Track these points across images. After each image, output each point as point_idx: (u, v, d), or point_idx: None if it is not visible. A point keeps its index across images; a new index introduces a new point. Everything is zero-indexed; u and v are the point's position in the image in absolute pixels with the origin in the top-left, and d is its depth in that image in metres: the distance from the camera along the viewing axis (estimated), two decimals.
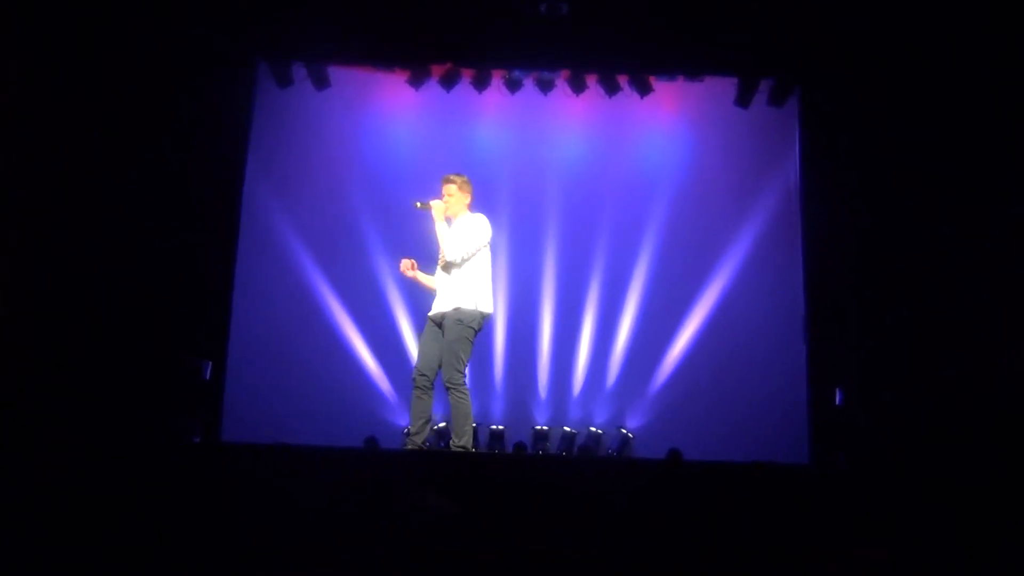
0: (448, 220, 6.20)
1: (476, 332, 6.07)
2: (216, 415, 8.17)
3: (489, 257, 6.20)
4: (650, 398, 9.25)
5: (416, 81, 9.04)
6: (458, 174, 6.29)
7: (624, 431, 9.08)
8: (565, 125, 9.51)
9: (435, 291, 6.20)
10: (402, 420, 8.93)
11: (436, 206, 6.15)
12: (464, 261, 6.09)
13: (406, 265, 6.29)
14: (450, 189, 6.25)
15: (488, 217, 6.24)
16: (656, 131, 9.60)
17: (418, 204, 6.15)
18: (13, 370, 6.67)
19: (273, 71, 8.84)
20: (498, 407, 9.25)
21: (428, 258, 6.32)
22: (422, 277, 6.35)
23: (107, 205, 7.51)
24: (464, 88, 9.14)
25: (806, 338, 8.37)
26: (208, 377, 7.99)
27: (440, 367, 6.05)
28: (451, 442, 6.04)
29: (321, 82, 9.01)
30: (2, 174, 6.76)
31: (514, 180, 9.39)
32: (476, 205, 6.33)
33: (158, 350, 7.61)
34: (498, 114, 9.48)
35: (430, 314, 6.19)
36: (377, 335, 9.21)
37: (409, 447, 6.02)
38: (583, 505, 4.74)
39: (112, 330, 7.39)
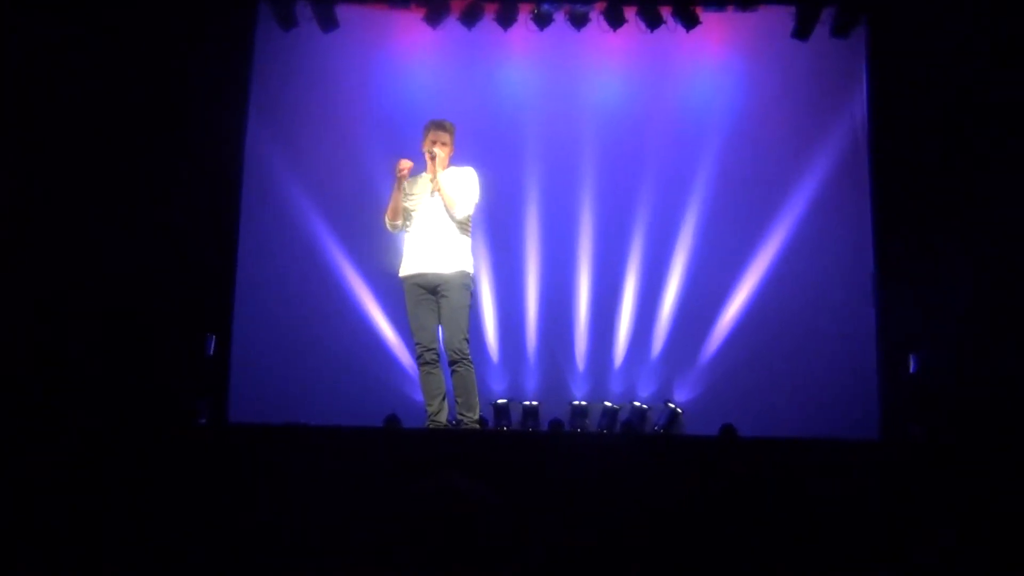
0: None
1: None
2: (222, 394, 8.28)
3: None
4: (701, 368, 9.25)
5: (433, 18, 8.99)
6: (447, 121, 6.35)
7: (672, 405, 9.10)
8: (601, 65, 9.43)
9: (413, 253, 6.19)
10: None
11: (441, 155, 6.21)
12: (467, 219, 6.18)
13: (405, 166, 6.29)
14: (446, 137, 6.29)
15: (518, 170, 6.27)
16: (704, 69, 9.50)
17: (434, 150, 6.17)
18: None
19: (275, 11, 8.83)
20: (531, 381, 9.27)
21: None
22: (400, 198, 6.33)
23: (95, 160, 7.57)
24: (487, 25, 9.10)
25: (876, 298, 8.33)
26: (212, 352, 8.07)
27: (439, 337, 6.13)
28: (464, 417, 6.09)
29: (328, 23, 8.99)
30: None
31: (545, 128, 9.34)
32: (504, 156, 6.34)
33: (155, 323, 7.71)
34: (526, 54, 9.41)
35: (415, 278, 6.16)
36: (397, 303, 9.20)
37: (431, 426, 6.08)
38: (628, 488, 4.75)
39: (102, 301, 7.48)
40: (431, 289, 6.16)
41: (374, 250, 9.22)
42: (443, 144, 6.29)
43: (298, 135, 9.33)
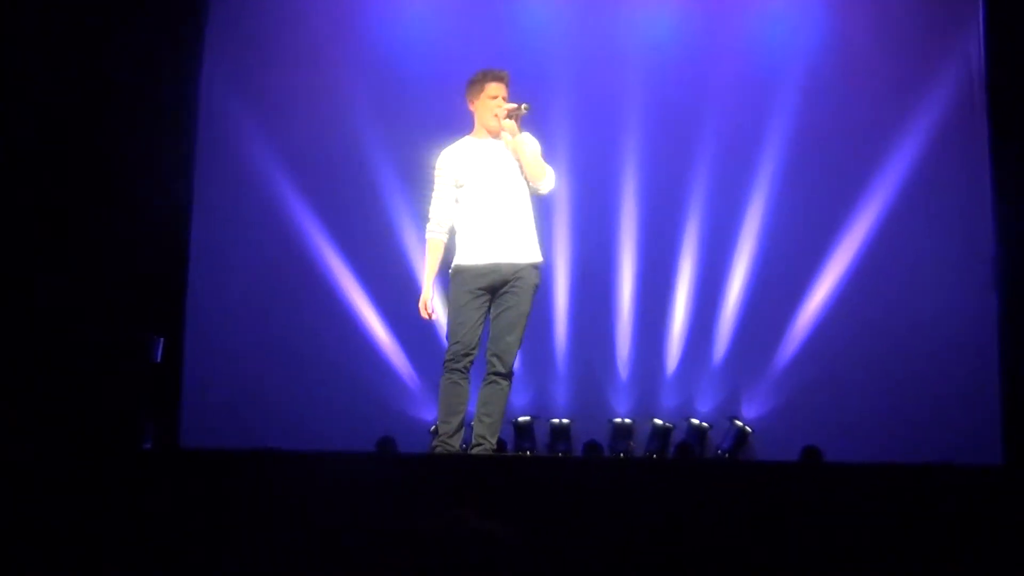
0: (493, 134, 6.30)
1: None
2: (172, 412, 8.27)
3: None
4: (774, 378, 9.21)
5: None
6: None
7: (739, 423, 9.05)
8: (651, 3, 9.41)
9: (481, 237, 6.17)
10: (426, 414, 8.98)
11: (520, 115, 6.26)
12: None
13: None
14: (506, 93, 6.35)
15: (542, 131, 6.34)
16: (779, 8, 9.45)
17: (525, 107, 6.20)
18: None
19: None
20: (561, 393, 9.24)
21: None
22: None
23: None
24: None
25: (997, 290, 8.26)
26: (160, 359, 8.04)
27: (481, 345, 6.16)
28: (485, 442, 6.12)
29: None
30: None
31: (576, 77, 9.30)
32: (529, 119, 6.35)
33: (85, 321, 7.65)
34: None
35: (478, 270, 6.14)
36: (391, 297, 9.20)
37: (439, 450, 6.06)
38: (685, 528, 4.66)
39: (22, 293, 7.46)
40: (494, 285, 6.15)
41: (362, 232, 9.20)
42: (504, 99, 6.31)
43: (265, 85, 9.28)
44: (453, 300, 6.24)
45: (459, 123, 6.16)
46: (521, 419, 8.93)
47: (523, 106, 6.17)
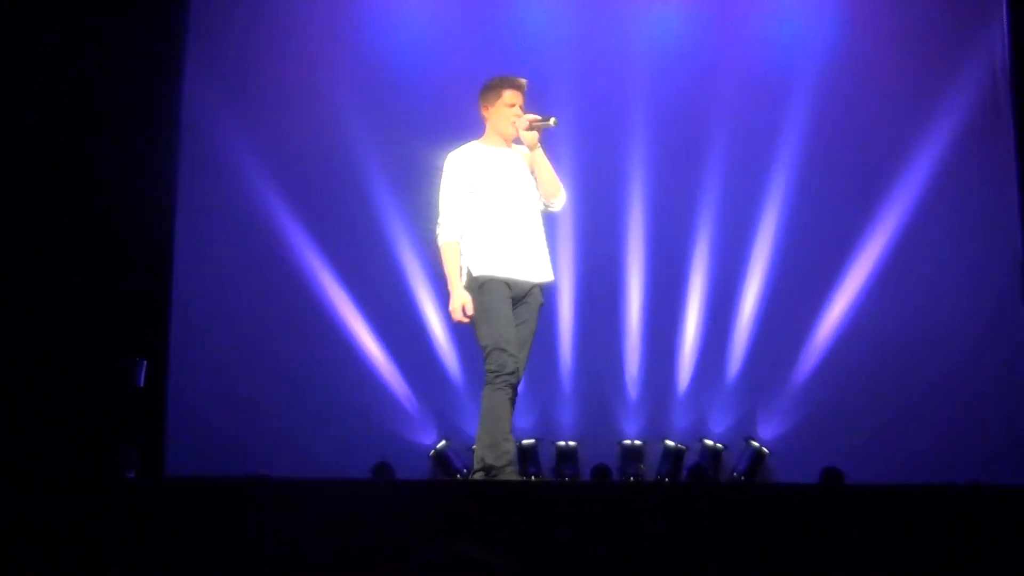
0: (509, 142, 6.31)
1: None
2: (157, 438, 8.26)
3: None
4: (791, 396, 9.23)
5: None
6: None
7: (755, 444, 9.06)
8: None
9: (506, 249, 6.17)
10: (425, 437, 9.02)
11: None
12: None
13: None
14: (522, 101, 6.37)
15: (546, 134, 6.28)
16: (793, 5, 9.51)
17: (554, 121, 6.20)
18: None
19: None
20: (567, 414, 9.25)
21: None
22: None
23: None
24: None
25: None
26: (143, 383, 8.05)
27: None
28: (484, 465, 6.11)
29: None
30: None
31: (582, 78, 9.32)
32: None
33: (66, 343, 7.66)
34: None
35: (503, 279, 6.13)
36: (386, 313, 9.22)
37: (510, 476, 6.10)
38: (701, 555, 4.66)
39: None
40: (521, 297, 6.17)
41: (355, 249, 9.21)
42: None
43: (250, 93, 9.32)
44: (490, 307, 6.13)
45: (454, 129, 6.14)
46: (525, 442, 8.91)
47: (552, 120, 6.16)
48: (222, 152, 9.13)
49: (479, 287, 6.08)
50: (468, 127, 6.52)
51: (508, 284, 6.10)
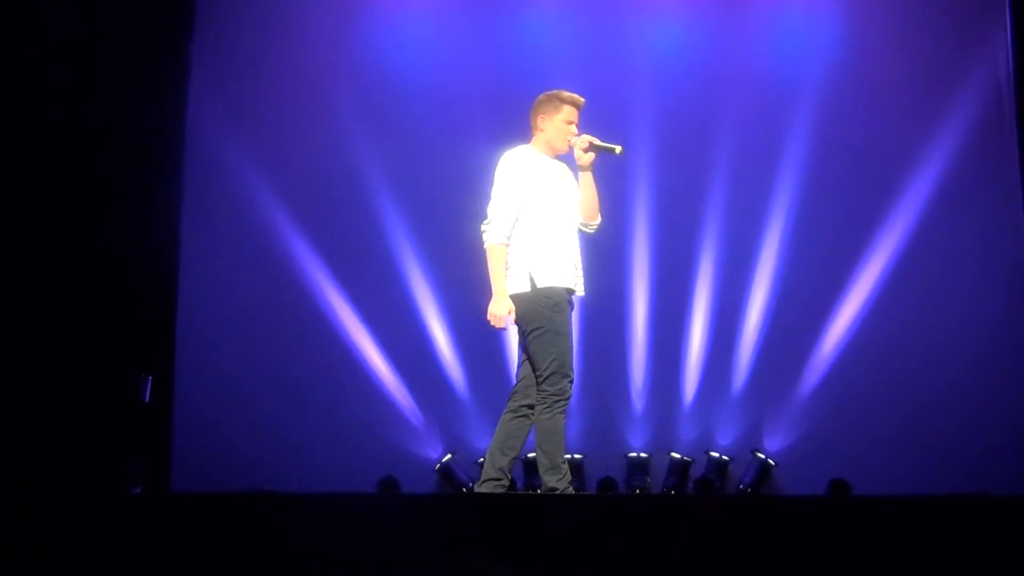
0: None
1: None
2: (163, 454, 8.26)
3: None
4: (798, 407, 9.21)
5: None
6: None
7: (762, 456, 9.04)
8: (657, 6, 9.42)
9: (568, 261, 6.18)
10: (431, 451, 9.01)
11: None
12: None
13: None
14: None
15: None
16: (795, 14, 9.49)
17: (619, 150, 6.21)
18: None
19: None
20: (573, 427, 9.16)
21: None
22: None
23: None
24: None
25: None
26: (148, 398, 8.04)
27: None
28: (505, 477, 6.11)
29: None
30: None
31: (582, 90, 9.24)
32: (526, 126, 6.32)
33: (70, 359, 7.66)
34: None
35: (566, 291, 6.13)
36: (389, 327, 9.22)
37: (568, 491, 6.14)
38: (707, 566, 4.65)
39: (2, 331, 7.46)
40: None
41: (360, 262, 9.20)
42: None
43: (254, 106, 9.32)
44: (560, 330, 6.05)
45: (459, 141, 6.14)
46: (531, 455, 8.87)
47: (618, 148, 6.16)
48: (227, 167, 9.12)
49: (551, 304, 6.03)
50: (472, 140, 6.53)
51: (571, 299, 6.10)
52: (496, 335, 8.87)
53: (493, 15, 9.47)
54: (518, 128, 6.32)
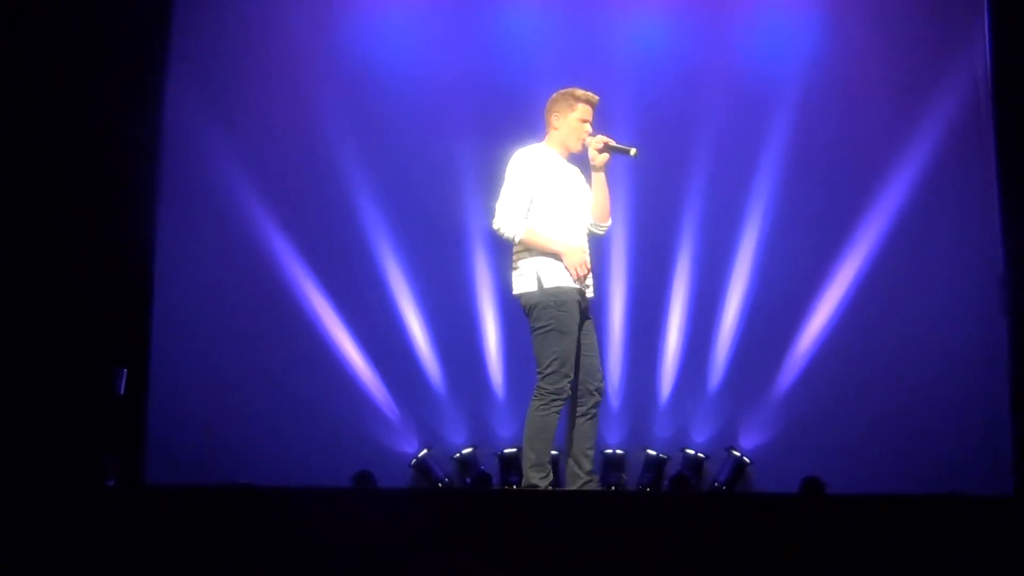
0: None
1: None
2: (137, 446, 8.23)
3: None
4: (773, 406, 9.21)
5: None
6: None
7: (736, 453, 9.05)
8: (637, 4, 9.41)
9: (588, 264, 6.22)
10: (407, 446, 9.01)
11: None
12: None
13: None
14: None
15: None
16: (776, 13, 9.49)
17: (634, 152, 6.20)
18: None
19: None
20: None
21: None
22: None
23: None
24: None
25: (1007, 309, 8.27)
26: (123, 391, 8.01)
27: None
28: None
29: None
30: None
31: (565, 85, 9.25)
32: (508, 126, 6.32)
33: (43, 351, 7.63)
34: None
35: (578, 290, 6.17)
36: (367, 322, 9.22)
37: (591, 486, 6.22)
38: (681, 562, 4.67)
39: None
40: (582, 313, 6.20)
41: (337, 257, 9.18)
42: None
43: (233, 101, 9.28)
44: (564, 328, 6.09)
45: (439, 139, 6.13)
46: (507, 451, 8.87)
47: (633, 150, 6.15)
48: (204, 161, 9.08)
49: (558, 303, 6.04)
50: (452, 136, 6.51)
51: (580, 300, 6.10)
52: (474, 333, 8.88)
53: (474, 11, 9.43)
54: (499, 125, 6.35)
